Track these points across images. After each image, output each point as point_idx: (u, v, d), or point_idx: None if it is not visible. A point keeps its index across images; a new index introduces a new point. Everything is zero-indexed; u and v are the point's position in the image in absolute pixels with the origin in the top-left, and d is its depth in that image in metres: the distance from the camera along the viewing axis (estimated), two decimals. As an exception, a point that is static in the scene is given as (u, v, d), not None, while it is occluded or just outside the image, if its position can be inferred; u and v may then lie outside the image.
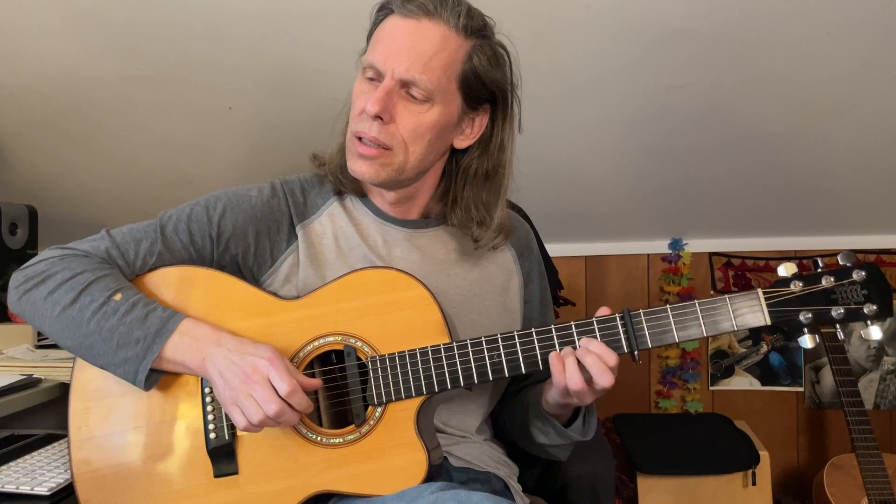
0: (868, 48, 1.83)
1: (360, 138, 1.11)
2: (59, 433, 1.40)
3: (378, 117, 1.09)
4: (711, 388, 2.67)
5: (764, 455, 2.29)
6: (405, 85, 1.10)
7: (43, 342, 1.75)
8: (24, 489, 1.15)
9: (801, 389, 2.62)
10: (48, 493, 1.14)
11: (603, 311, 1.08)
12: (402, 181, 1.16)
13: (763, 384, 2.64)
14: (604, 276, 2.70)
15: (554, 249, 2.17)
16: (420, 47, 1.09)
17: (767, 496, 2.29)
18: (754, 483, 2.27)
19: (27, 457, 1.27)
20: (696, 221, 2.55)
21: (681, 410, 2.65)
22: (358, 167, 1.13)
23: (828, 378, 2.56)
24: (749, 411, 2.62)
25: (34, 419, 1.44)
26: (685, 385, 2.65)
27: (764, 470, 2.29)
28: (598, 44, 1.86)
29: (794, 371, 2.62)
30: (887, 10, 1.72)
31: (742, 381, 2.65)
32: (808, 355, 2.60)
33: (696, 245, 2.63)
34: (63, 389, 1.44)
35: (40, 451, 1.30)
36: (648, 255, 2.68)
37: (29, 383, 1.40)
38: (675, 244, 2.63)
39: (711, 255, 2.65)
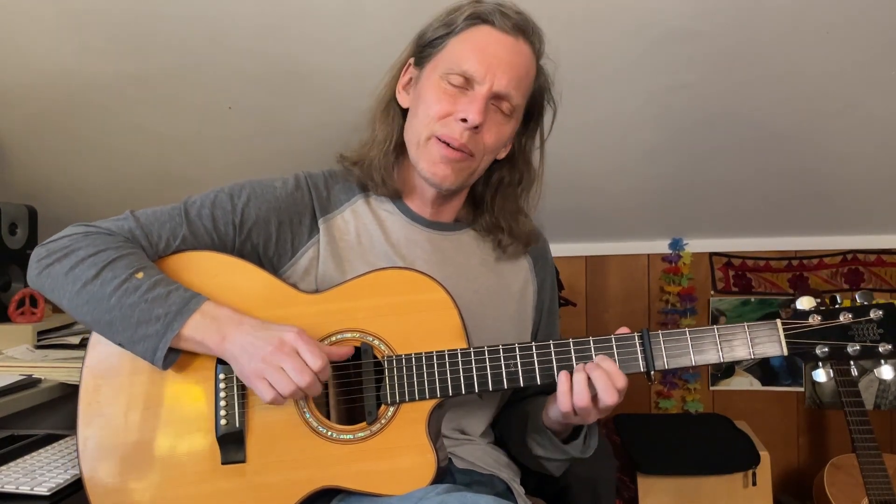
0: (868, 48, 1.83)
1: (445, 143, 1.13)
2: (59, 433, 1.40)
3: (475, 127, 1.11)
4: (712, 388, 2.67)
5: (764, 455, 2.29)
6: (497, 98, 1.13)
7: (43, 342, 1.74)
8: (24, 489, 1.15)
9: (802, 389, 2.62)
10: (48, 493, 1.14)
11: (623, 331, 1.08)
12: (463, 188, 1.21)
13: (763, 384, 2.64)
14: (604, 276, 2.70)
15: (554, 249, 2.14)
16: (518, 64, 1.14)
17: (768, 496, 2.29)
18: (755, 483, 2.27)
19: (27, 457, 1.27)
20: (697, 221, 2.55)
21: (681, 411, 2.65)
22: (441, 171, 1.15)
23: (828, 382, 2.55)
24: (749, 411, 2.62)
25: (34, 419, 1.44)
26: (685, 385, 2.65)
27: (764, 470, 2.29)
28: (598, 43, 1.86)
29: (794, 371, 2.62)
30: (887, 10, 1.72)
31: (742, 382, 2.65)
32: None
33: (697, 245, 2.63)
34: (63, 389, 1.44)
35: (40, 451, 1.30)
36: (649, 255, 2.68)
37: (29, 383, 1.40)
38: (676, 244, 2.63)
39: (712, 255, 2.65)
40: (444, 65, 1.15)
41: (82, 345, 1.18)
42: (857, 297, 1.07)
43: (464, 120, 1.11)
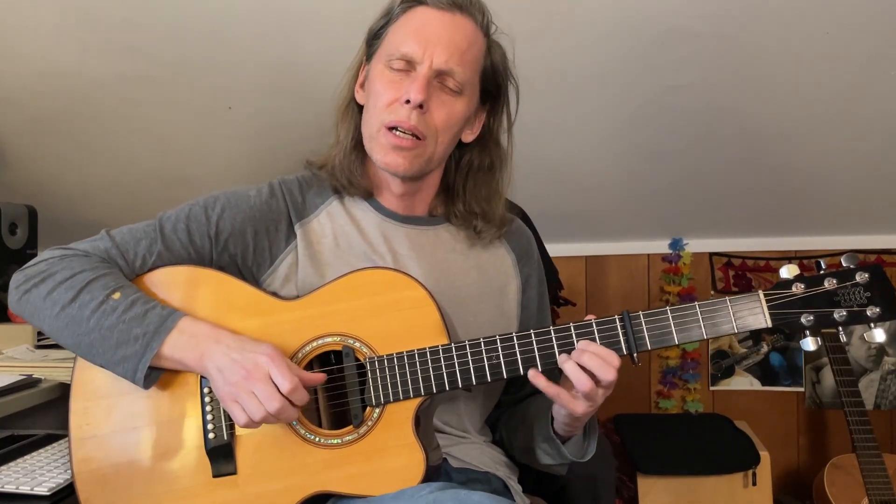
0: (868, 48, 1.83)
1: (393, 128, 1.12)
2: (59, 433, 1.40)
3: (420, 106, 1.11)
4: (712, 388, 2.66)
5: (764, 455, 2.29)
6: (440, 75, 1.13)
7: (43, 342, 1.74)
8: (24, 489, 1.15)
9: (802, 389, 2.62)
10: (48, 493, 1.14)
11: (590, 318, 1.07)
12: (424, 173, 1.19)
13: (763, 384, 2.64)
14: (604, 276, 2.70)
15: (554, 249, 2.17)
16: (456, 40, 1.13)
17: (768, 496, 2.29)
18: (755, 483, 2.27)
19: (27, 457, 1.27)
20: (696, 221, 2.55)
21: (681, 411, 2.65)
22: (392, 159, 1.13)
23: (828, 378, 2.56)
24: (749, 411, 2.62)
25: (34, 419, 1.44)
26: (685, 385, 2.65)
27: (764, 470, 2.29)
28: (598, 43, 1.86)
29: (794, 371, 2.61)
30: (887, 10, 1.72)
31: (742, 382, 2.64)
32: (808, 355, 2.59)
33: (697, 245, 2.63)
34: (63, 389, 1.44)
35: (40, 451, 1.30)
36: (649, 255, 2.68)
37: (29, 383, 1.40)
38: (676, 244, 2.63)
39: (712, 255, 2.65)
40: (385, 53, 1.15)
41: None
42: (842, 260, 1.04)
43: (408, 101, 1.11)
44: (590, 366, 1.02)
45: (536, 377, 1.04)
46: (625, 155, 2.24)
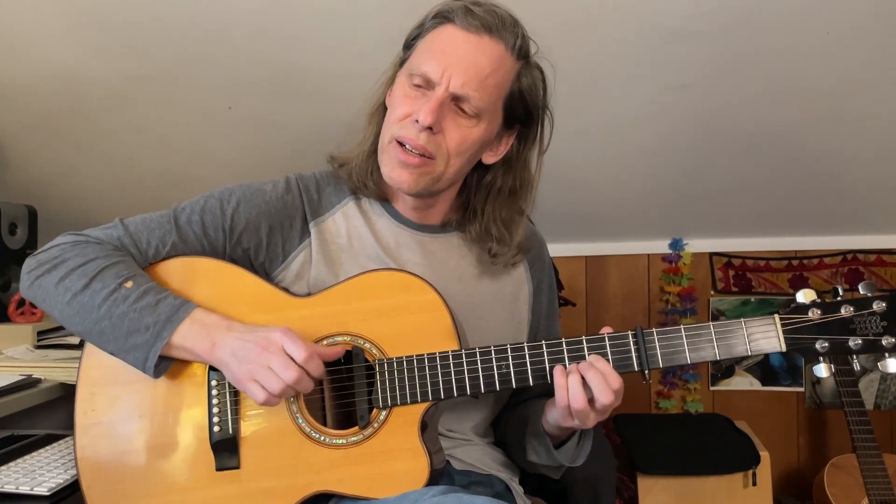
0: (869, 48, 1.83)
1: (402, 144, 1.11)
2: (59, 433, 1.40)
3: (430, 128, 1.09)
4: (712, 388, 2.67)
5: (764, 455, 2.29)
6: (457, 99, 1.10)
7: (43, 342, 1.74)
8: (24, 489, 1.15)
9: (802, 389, 2.62)
10: (48, 493, 1.14)
11: (606, 331, 1.07)
12: (433, 191, 1.17)
13: (763, 384, 2.64)
14: (604, 276, 2.70)
15: (554, 249, 2.14)
16: (479, 64, 1.09)
17: (768, 496, 2.29)
18: (755, 483, 2.27)
19: (27, 457, 1.27)
20: (697, 221, 2.55)
21: (681, 411, 2.65)
22: (398, 175, 1.12)
23: (828, 378, 2.56)
24: (749, 411, 2.62)
25: (34, 419, 1.44)
26: (685, 385, 2.65)
27: (764, 470, 2.29)
28: (598, 43, 1.86)
29: (794, 371, 2.62)
30: (887, 10, 1.72)
31: (742, 382, 2.65)
32: (808, 355, 2.59)
33: (697, 245, 2.64)
34: (63, 389, 1.44)
35: (40, 451, 1.30)
36: (649, 255, 2.68)
37: (29, 383, 1.40)
38: (676, 244, 2.63)
39: (712, 255, 2.65)
40: (409, 66, 1.13)
41: (82, 345, 1.19)
42: (860, 287, 1.03)
43: (417, 121, 1.10)
44: (591, 383, 1.02)
45: (560, 376, 1.03)
46: (625, 155, 2.24)
